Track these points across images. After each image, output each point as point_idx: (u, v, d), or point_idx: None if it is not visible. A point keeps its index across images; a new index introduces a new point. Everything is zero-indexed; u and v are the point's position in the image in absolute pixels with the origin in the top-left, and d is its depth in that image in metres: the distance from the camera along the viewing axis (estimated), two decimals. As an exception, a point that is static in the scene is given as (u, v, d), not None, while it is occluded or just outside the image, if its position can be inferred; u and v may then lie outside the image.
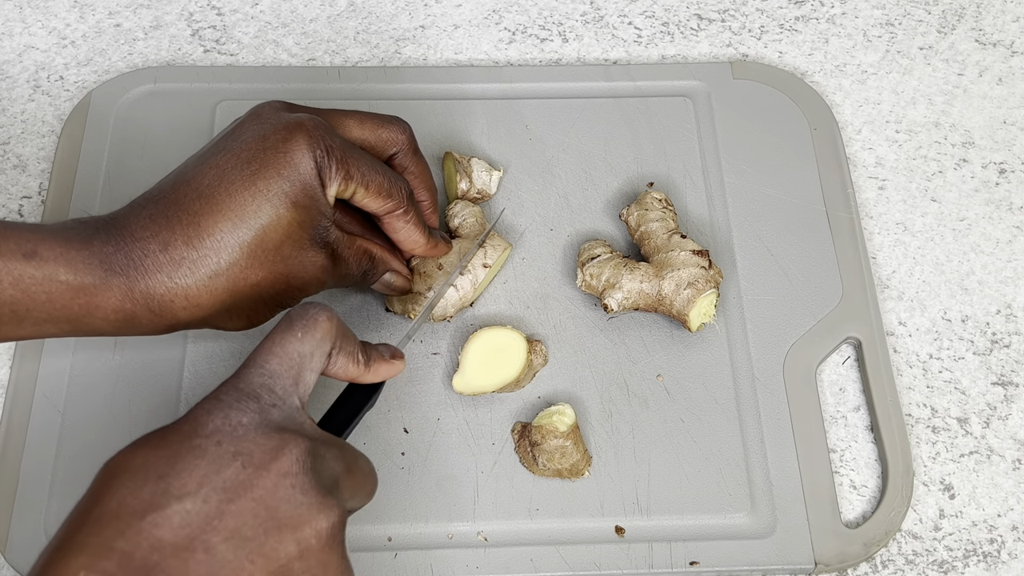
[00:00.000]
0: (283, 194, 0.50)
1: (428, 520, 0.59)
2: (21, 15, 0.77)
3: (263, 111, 0.53)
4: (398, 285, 0.60)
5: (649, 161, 0.71)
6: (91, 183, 0.68)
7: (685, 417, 0.62)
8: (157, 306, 0.49)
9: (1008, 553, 0.60)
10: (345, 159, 0.52)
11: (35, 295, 0.47)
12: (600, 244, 0.65)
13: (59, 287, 0.47)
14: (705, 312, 0.62)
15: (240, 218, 0.49)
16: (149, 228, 0.49)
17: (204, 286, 0.49)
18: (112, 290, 0.48)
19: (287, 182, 0.50)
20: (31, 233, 0.47)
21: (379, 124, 0.57)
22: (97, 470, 0.42)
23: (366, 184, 0.53)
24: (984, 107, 0.75)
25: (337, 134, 0.53)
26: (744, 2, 0.80)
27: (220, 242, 0.49)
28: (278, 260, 0.51)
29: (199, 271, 0.49)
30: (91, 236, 0.48)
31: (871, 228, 0.70)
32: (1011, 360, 0.66)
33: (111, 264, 0.48)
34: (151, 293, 0.48)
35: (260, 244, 0.50)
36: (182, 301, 0.49)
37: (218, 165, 0.50)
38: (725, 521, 0.59)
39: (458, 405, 0.62)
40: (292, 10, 0.78)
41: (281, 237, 0.50)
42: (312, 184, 0.51)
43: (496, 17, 0.78)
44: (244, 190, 0.50)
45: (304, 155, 0.51)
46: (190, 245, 0.49)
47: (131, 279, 0.48)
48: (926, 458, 0.63)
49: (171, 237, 0.49)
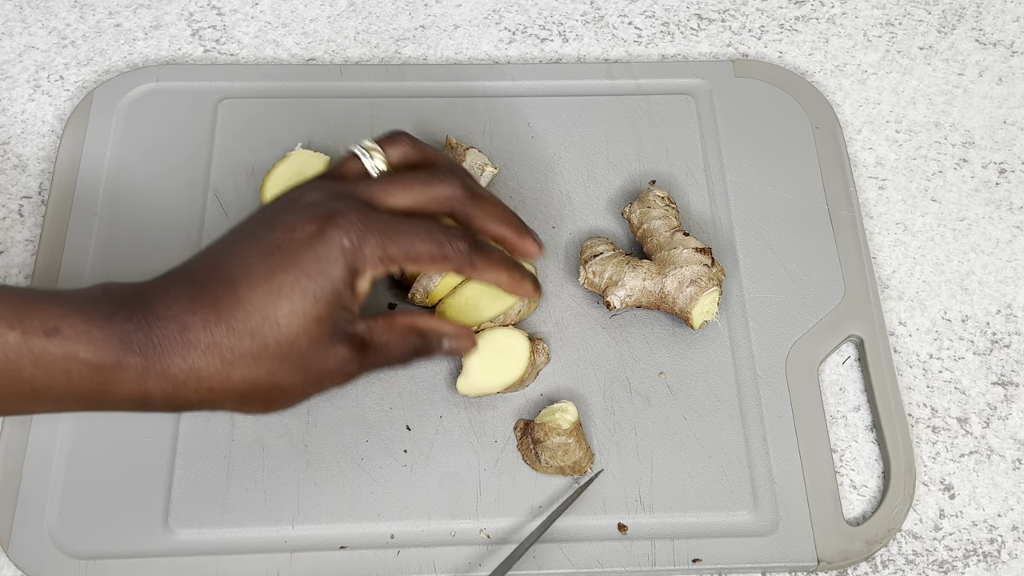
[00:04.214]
0: (302, 289, 0.49)
1: (431, 517, 0.59)
2: (21, 15, 0.77)
3: (304, 193, 0.52)
4: (462, 350, 0.56)
5: (651, 159, 0.71)
6: (93, 182, 0.68)
7: (688, 415, 0.62)
8: (171, 387, 0.48)
9: (1008, 553, 0.60)
10: (383, 243, 0.50)
11: (54, 373, 0.46)
12: (602, 242, 0.65)
13: (78, 365, 0.46)
14: (708, 310, 0.62)
15: (255, 310, 0.48)
16: (172, 307, 0.48)
17: (217, 372, 0.48)
18: (128, 370, 0.47)
19: (307, 277, 0.49)
20: (55, 307, 0.47)
21: (426, 185, 0.54)
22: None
23: (412, 259, 0.51)
24: (984, 107, 0.75)
25: (379, 211, 0.51)
26: (744, 2, 0.80)
27: (234, 331, 0.48)
28: (293, 354, 0.49)
29: (212, 357, 0.48)
30: (114, 312, 0.48)
31: (871, 228, 0.70)
32: (1011, 360, 0.66)
33: (130, 343, 0.47)
34: (165, 373, 0.48)
35: (273, 337, 0.48)
36: (194, 384, 0.48)
37: (244, 252, 0.50)
38: (727, 519, 0.59)
39: (461, 403, 0.62)
40: (292, 10, 0.78)
41: (295, 332, 0.49)
42: (336, 278, 0.49)
43: (496, 17, 0.78)
44: (264, 282, 0.48)
45: (332, 249, 0.49)
46: (207, 330, 0.48)
47: (148, 359, 0.47)
48: (926, 458, 0.63)
49: (190, 320, 0.48)
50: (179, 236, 0.66)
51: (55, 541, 0.57)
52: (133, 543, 0.57)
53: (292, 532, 0.58)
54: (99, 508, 0.58)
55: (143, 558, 0.57)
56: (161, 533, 0.58)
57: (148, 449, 0.60)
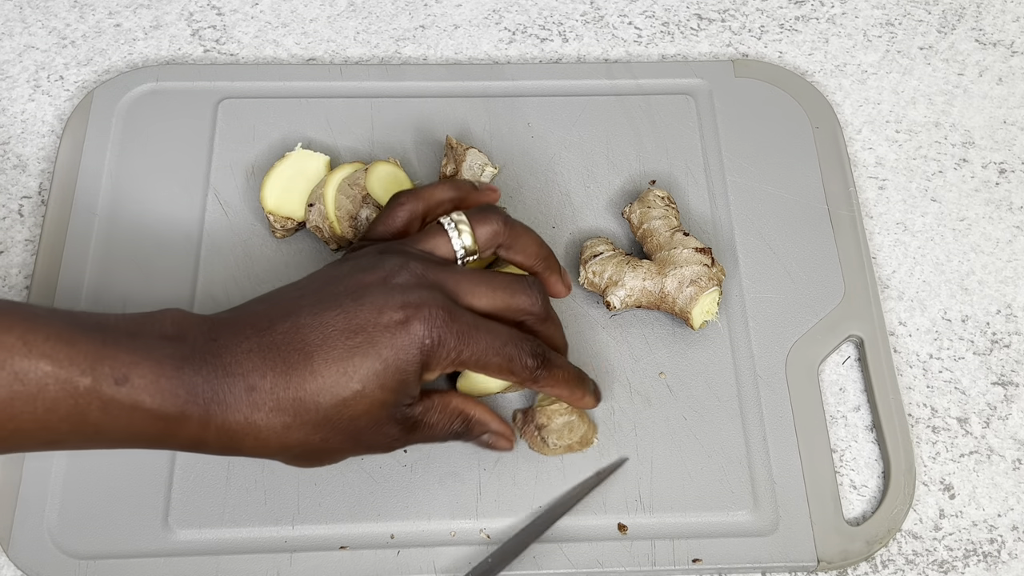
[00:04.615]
0: (375, 375, 0.50)
1: (431, 517, 0.59)
2: (21, 15, 0.77)
3: (395, 272, 0.53)
4: (498, 448, 0.59)
5: (651, 159, 0.71)
6: (94, 182, 0.68)
7: (688, 415, 0.62)
8: (228, 438, 0.49)
9: (1008, 553, 0.60)
10: (460, 347, 0.51)
11: (118, 418, 0.47)
12: (602, 242, 0.65)
13: (142, 414, 0.47)
14: (708, 310, 0.62)
15: (326, 386, 0.49)
16: (243, 365, 0.49)
17: (275, 433, 0.49)
18: (190, 420, 0.48)
19: (384, 364, 0.50)
20: (127, 354, 0.47)
21: (511, 293, 0.55)
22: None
23: (482, 365, 0.53)
24: (984, 107, 0.75)
25: (461, 309, 0.52)
26: (744, 2, 0.80)
27: (301, 402, 0.49)
28: (351, 429, 0.51)
29: (274, 419, 0.49)
30: (183, 362, 0.48)
31: (871, 228, 0.70)
32: (1011, 360, 0.66)
33: (196, 395, 0.48)
34: (225, 427, 0.49)
35: (336, 412, 0.50)
36: (251, 440, 0.49)
37: (326, 324, 0.50)
38: (727, 519, 0.59)
39: (460, 403, 0.62)
40: (292, 10, 0.78)
41: (360, 412, 0.50)
42: (410, 372, 0.51)
43: (496, 17, 0.78)
44: (341, 360, 0.49)
45: (413, 344, 0.50)
46: (274, 394, 0.49)
47: (211, 412, 0.48)
48: (926, 458, 0.63)
49: (259, 382, 0.49)
50: (179, 236, 0.66)
51: (55, 541, 0.57)
52: (133, 543, 0.57)
53: (292, 532, 0.58)
54: (99, 508, 0.58)
55: (143, 558, 0.57)
56: (161, 533, 0.58)
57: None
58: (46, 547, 0.57)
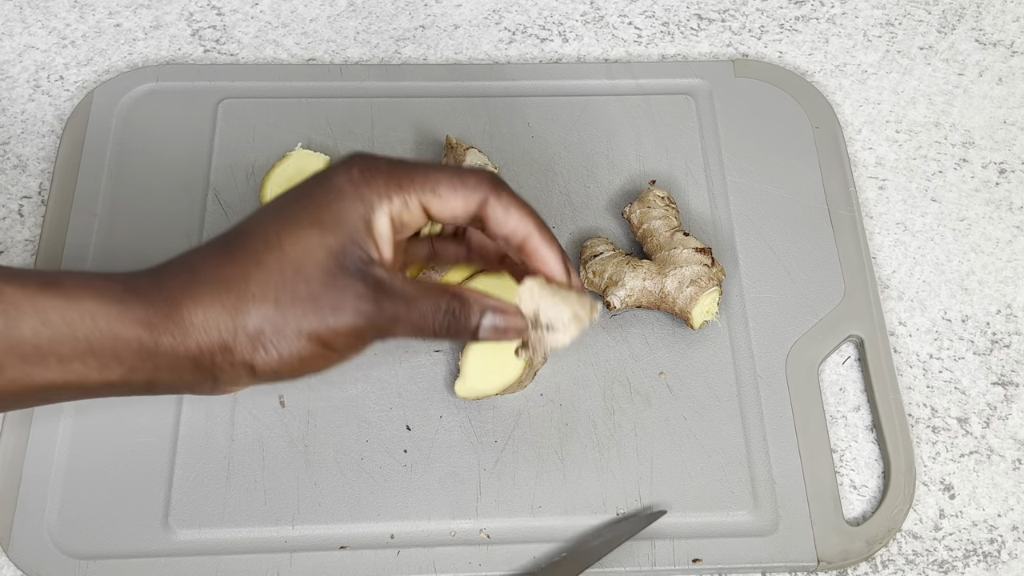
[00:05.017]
0: (309, 217, 0.47)
1: (431, 517, 0.59)
2: (21, 15, 0.77)
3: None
4: (509, 327, 0.50)
5: (651, 159, 0.71)
6: (94, 182, 0.68)
7: (687, 415, 0.62)
8: (179, 331, 0.46)
9: (1008, 553, 0.60)
10: (394, 172, 0.48)
11: (56, 325, 0.45)
12: (602, 241, 0.65)
13: (79, 312, 0.46)
14: (708, 310, 0.62)
15: (260, 237, 0.48)
16: (177, 259, 0.49)
17: (225, 308, 0.46)
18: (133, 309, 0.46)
19: (315, 206, 0.48)
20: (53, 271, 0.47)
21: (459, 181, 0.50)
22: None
23: (432, 186, 0.49)
24: (984, 107, 0.75)
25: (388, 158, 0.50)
26: (744, 2, 0.80)
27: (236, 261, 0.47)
28: (300, 282, 0.47)
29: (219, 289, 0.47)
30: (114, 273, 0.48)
31: (871, 228, 0.70)
32: (1011, 360, 0.66)
33: (134, 285, 0.47)
34: (172, 314, 0.46)
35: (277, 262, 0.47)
36: (201, 321, 0.46)
37: (262, 209, 0.50)
38: (728, 519, 0.59)
39: (460, 403, 0.62)
40: (292, 10, 0.78)
41: (300, 256, 0.47)
42: (346, 207, 0.48)
43: (496, 17, 0.78)
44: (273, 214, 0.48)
45: (340, 176, 0.48)
46: (214, 263, 0.47)
47: (152, 299, 0.46)
48: (926, 458, 0.63)
49: (196, 260, 0.48)
50: (179, 236, 0.66)
51: (55, 541, 0.57)
52: (133, 543, 0.57)
53: (292, 532, 0.58)
54: (99, 508, 0.58)
55: (143, 558, 0.57)
56: (161, 533, 0.58)
57: (148, 449, 0.60)
58: (46, 547, 0.57)
